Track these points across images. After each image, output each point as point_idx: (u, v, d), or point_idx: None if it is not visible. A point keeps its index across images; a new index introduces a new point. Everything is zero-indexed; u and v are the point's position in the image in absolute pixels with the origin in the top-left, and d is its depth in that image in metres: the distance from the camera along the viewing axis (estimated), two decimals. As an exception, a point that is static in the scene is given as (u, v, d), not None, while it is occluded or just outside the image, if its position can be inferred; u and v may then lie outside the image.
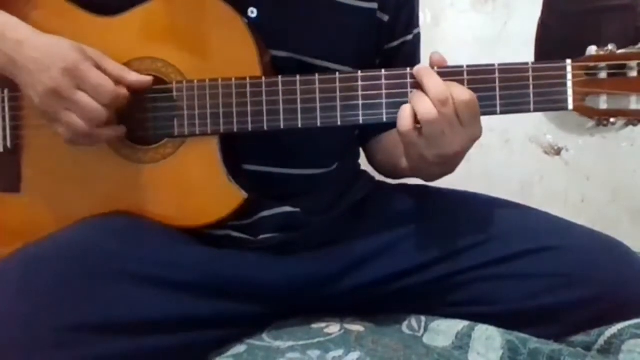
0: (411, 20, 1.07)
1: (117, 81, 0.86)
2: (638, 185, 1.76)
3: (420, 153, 0.85)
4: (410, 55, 1.06)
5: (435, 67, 0.86)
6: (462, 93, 0.82)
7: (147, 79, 0.89)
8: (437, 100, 0.81)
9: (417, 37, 1.09)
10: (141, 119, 0.90)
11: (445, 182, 1.04)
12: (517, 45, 1.73)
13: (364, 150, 1.14)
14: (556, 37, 1.65)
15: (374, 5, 1.00)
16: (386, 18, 1.02)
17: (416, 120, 0.83)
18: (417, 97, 0.83)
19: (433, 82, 0.83)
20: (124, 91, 0.86)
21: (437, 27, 1.81)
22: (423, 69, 0.85)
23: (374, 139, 1.09)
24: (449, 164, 0.88)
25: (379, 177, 1.13)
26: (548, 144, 1.80)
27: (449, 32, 1.81)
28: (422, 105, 0.82)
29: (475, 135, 0.85)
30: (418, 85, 0.85)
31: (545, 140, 1.80)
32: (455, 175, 1.01)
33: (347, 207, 1.01)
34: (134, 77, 0.88)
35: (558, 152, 1.81)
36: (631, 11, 1.58)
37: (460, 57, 0.90)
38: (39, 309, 0.74)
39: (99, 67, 0.85)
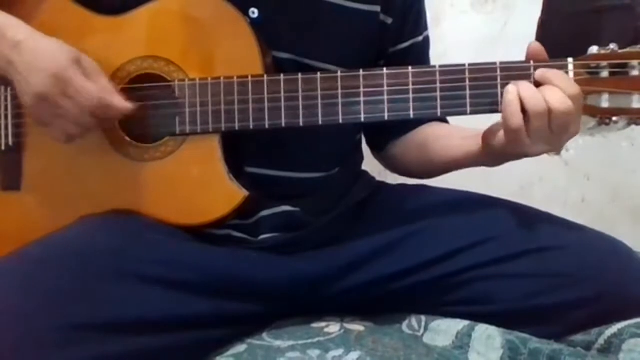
0: (419, 23, 1.07)
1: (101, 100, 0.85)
2: (638, 185, 1.75)
3: (522, 150, 0.85)
4: (419, 57, 1.06)
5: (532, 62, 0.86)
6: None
7: (128, 106, 0.87)
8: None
9: (427, 40, 1.09)
10: (142, 117, 0.90)
11: (445, 182, 1.04)
12: (517, 45, 1.72)
13: (382, 155, 1.12)
14: (556, 37, 1.65)
15: (377, 8, 1.00)
16: (390, 20, 1.02)
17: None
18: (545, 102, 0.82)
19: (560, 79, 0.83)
20: (115, 102, 0.85)
21: (437, 27, 1.81)
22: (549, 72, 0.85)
23: (397, 140, 1.08)
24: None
25: (379, 177, 1.13)
26: (548, 144, 1.80)
27: (449, 32, 1.81)
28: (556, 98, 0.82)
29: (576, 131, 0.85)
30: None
31: (545, 140, 1.79)
32: (455, 175, 1.01)
33: (347, 207, 1.01)
34: (116, 101, 0.86)
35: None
36: (631, 11, 1.59)
37: (460, 57, 0.90)
38: (40, 308, 0.73)
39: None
